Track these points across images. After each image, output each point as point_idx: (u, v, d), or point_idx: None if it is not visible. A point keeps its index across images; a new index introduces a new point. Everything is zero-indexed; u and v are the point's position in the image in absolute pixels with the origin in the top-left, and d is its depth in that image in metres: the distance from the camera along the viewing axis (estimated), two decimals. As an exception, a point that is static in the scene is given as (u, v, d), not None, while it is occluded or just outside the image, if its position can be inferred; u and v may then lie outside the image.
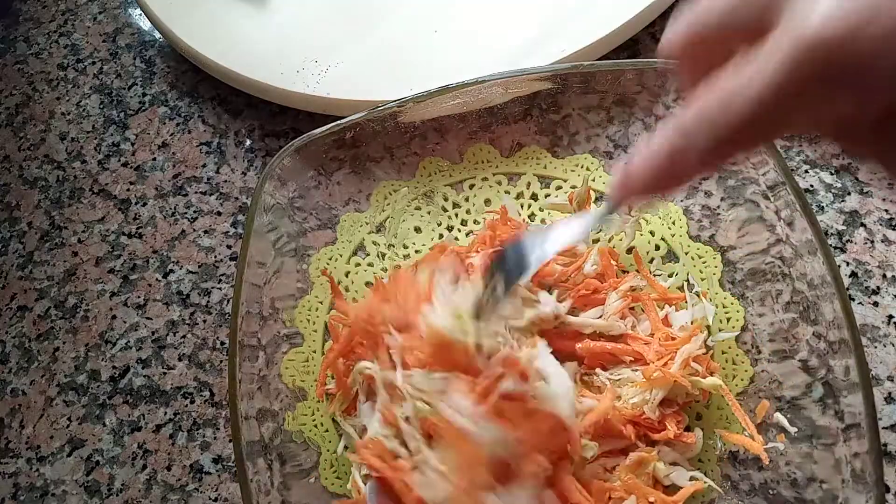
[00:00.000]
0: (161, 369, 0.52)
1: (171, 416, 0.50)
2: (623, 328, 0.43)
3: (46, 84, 0.67)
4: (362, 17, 0.59)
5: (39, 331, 0.55)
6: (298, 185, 0.47)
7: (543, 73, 0.47)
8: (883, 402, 0.44)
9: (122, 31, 0.69)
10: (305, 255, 0.48)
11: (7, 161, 0.63)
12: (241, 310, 0.42)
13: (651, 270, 0.46)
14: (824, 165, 0.50)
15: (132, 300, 0.55)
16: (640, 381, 0.41)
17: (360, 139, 0.48)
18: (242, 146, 0.60)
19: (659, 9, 0.54)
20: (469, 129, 0.50)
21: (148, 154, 0.61)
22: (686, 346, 0.41)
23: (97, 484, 0.49)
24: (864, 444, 0.35)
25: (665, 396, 0.40)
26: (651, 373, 0.40)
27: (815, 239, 0.39)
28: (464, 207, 0.50)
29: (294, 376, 0.46)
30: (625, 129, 0.50)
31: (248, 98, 0.59)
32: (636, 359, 0.42)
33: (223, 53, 0.58)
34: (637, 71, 0.46)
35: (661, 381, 0.40)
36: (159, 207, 0.58)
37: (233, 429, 0.40)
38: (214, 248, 0.56)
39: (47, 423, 0.52)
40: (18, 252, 0.59)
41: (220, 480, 0.48)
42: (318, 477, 0.44)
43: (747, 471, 0.41)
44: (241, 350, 0.42)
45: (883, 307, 0.46)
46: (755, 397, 0.42)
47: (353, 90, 0.55)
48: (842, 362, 0.37)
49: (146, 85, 0.65)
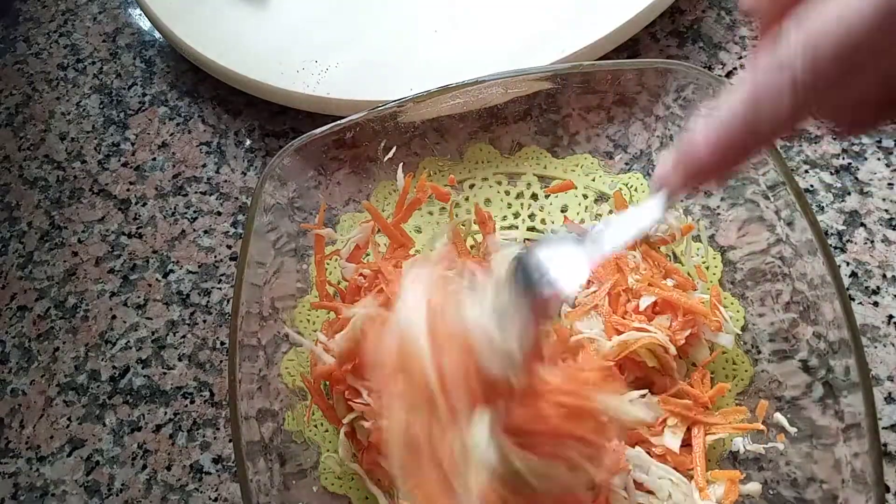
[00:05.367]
0: (161, 369, 0.52)
1: (171, 416, 0.50)
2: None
3: (46, 84, 0.67)
4: (362, 17, 0.59)
5: (39, 331, 0.55)
6: (298, 185, 0.47)
7: (543, 73, 0.47)
8: (883, 402, 0.44)
9: (122, 31, 0.69)
10: (305, 255, 0.48)
11: (7, 161, 0.63)
12: (240, 310, 0.42)
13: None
14: (824, 165, 0.50)
15: (132, 300, 0.55)
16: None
17: (360, 139, 0.48)
18: (242, 146, 0.60)
19: (659, 9, 0.54)
20: (469, 129, 0.50)
21: (148, 154, 0.61)
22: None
23: (97, 484, 0.49)
24: (865, 445, 0.35)
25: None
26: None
27: (815, 239, 0.39)
28: (464, 207, 0.50)
29: (294, 376, 0.46)
30: (625, 129, 0.50)
31: (248, 98, 0.59)
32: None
33: (223, 53, 0.58)
34: (637, 71, 0.46)
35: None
36: (159, 207, 0.58)
37: (233, 429, 0.40)
38: (214, 248, 0.56)
39: (47, 423, 0.52)
40: (18, 252, 0.59)
41: (220, 480, 0.48)
42: (319, 477, 0.44)
43: (747, 471, 0.41)
44: (240, 350, 0.42)
45: (883, 307, 0.46)
46: (755, 397, 0.42)
47: (353, 90, 0.55)
48: (842, 362, 0.37)
49: (146, 85, 0.65)
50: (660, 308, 0.43)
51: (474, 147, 0.51)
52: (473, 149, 0.51)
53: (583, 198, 0.50)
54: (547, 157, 0.51)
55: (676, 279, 0.45)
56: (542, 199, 0.50)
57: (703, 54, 0.56)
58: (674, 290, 0.43)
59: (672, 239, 0.46)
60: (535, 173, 0.51)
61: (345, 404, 0.43)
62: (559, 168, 0.50)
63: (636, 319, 0.42)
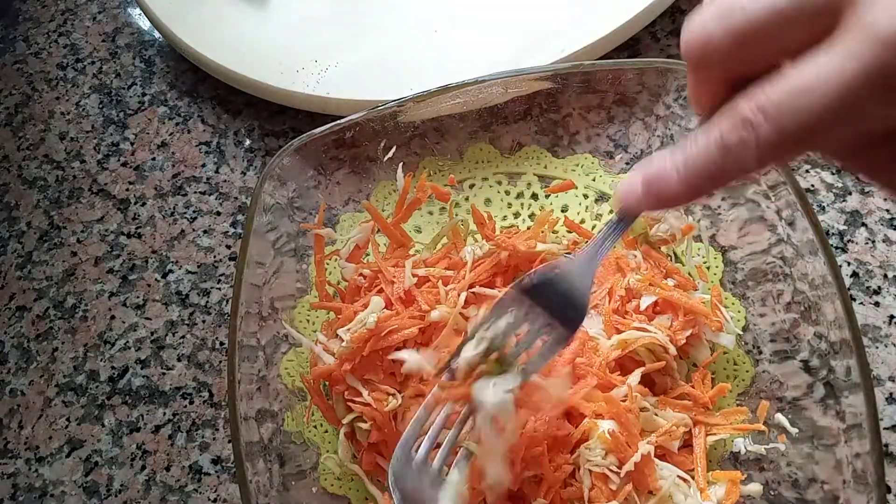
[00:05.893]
0: (160, 370, 0.52)
1: (171, 416, 0.50)
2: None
3: (46, 84, 0.67)
4: (362, 17, 0.59)
5: (38, 331, 0.55)
6: (298, 185, 0.47)
7: (543, 73, 0.47)
8: (884, 402, 0.44)
9: (122, 31, 0.68)
10: (305, 255, 0.48)
11: (6, 161, 0.63)
12: (240, 310, 0.42)
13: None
14: (825, 165, 0.50)
15: (131, 300, 0.55)
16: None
17: (360, 139, 0.47)
18: (242, 146, 0.60)
19: (659, 9, 0.54)
20: (469, 128, 0.50)
21: (147, 154, 0.61)
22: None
23: (96, 484, 0.49)
24: (866, 445, 0.35)
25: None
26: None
27: (816, 239, 0.39)
28: (463, 207, 0.50)
29: (294, 377, 0.46)
30: (625, 129, 0.50)
31: (247, 98, 0.59)
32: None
33: (223, 53, 0.58)
34: (637, 71, 0.46)
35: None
36: (158, 207, 0.58)
37: (232, 429, 0.40)
38: (214, 248, 0.56)
39: (46, 423, 0.52)
40: (17, 252, 0.59)
41: (219, 481, 0.48)
42: (318, 478, 0.44)
43: (748, 471, 0.41)
44: (240, 350, 0.42)
45: (884, 307, 0.46)
46: (756, 398, 0.42)
47: (353, 90, 0.54)
48: (843, 362, 0.37)
49: (146, 85, 0.65)
50: (660, 308, 0.43)
51: (474, 147, 0.51)
52: (473, 149, 0.51)
53: (583, 198, 0.50)
54: (547, 156, 0.51)
55: (677, 279, 0.44)
56: (543, 198, 0.50)
57: (703, 54, 0.56)
58: (674, 290, 0.43)
59: (673, 239, 0.46)
60: (536, 173, 0.50)
61: (344, 404, 0.43)
62: (559, 168, 0.50)
63: (636, 319, 0.42)
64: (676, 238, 0.46)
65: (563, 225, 0.47)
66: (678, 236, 0.46)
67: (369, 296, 0.44)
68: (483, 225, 0.46)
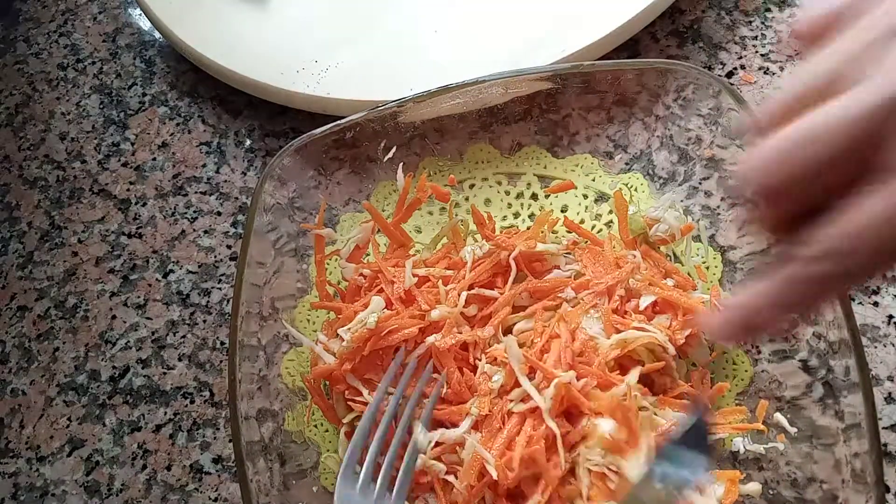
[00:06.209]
0: (161, 369, 0.52)
1: (171, 416, 0.50)
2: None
3: (46, 84, 0.67)
4: (362, 17, 0.59)
5: (39, 331, 0.55)
6: (298, 185, 0.47)
7: (543, 73, 0.47)
8: (883, 402, 0.44)
9: (122, 31, 0.69)
10: (305, 255, 0.48)
11: (7, 161, 0.63)
12: (240, 310, 0.42)
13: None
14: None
15: (132, 300, 0.55)
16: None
17: (360, 139, 0.48)
18: (242, 146, 0.60)
19: (659, 9, 0.54)
20: (469, 129, 0.50)
21: (148, 154, 0.61)
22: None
23: (97, 484, 0.49)
24: (865, 445, 0.35)
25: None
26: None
27: (815, 239, 0.39)
28: (463, 207, 0.50)
29: (294, 376, 0.46)
30: (625, 129, 0.50)
31: (248, 98, 0.59)
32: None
33: (223, 53, 0.58)
34: (637, 71, 0.46)
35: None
36: (159, 207, 0.58)
37: (233, 429, 0.40)
38: (214, 248, 0.56)
39: (47, 423, 0.52)
40: (18, 252, 0.59)
41: (220, 480, 0.48)
42: (319, 477, 0.44)
43: (747, 471, 0.41)
44: (240, 350, 0.42)
45: (883, 307, 0.46)
46: (755, 397, 0.42)
47: (353, 90, 0.55)
48: (842, 362, 0.37)
49: (146, 85, 0.65)
50: (660, 308, 0.43)
51: (474, 147, 0.51)
52: (473, 149, 0.51)
53: (583, 198, 0.50)
54: (547, 156, 0.51)
55: (676, 279, 0.45)
56: (542, 199, 0.50)
57: (703, 54, 0.56)
58: (674, 290, 0.43)
59: (672, 239, 0.46)
60: (535, 173, 0.51)
61: (345, 404, 0.43)
62: (559, 168, 0.50)
63: (636, 319, 0.42)
64: (676, 238, 0.46)
65: (562, 225, 0.47)
66: (677, 236, 0.46)
67: (369, 296, 0.44)
68: (483, 225, 0.46)
